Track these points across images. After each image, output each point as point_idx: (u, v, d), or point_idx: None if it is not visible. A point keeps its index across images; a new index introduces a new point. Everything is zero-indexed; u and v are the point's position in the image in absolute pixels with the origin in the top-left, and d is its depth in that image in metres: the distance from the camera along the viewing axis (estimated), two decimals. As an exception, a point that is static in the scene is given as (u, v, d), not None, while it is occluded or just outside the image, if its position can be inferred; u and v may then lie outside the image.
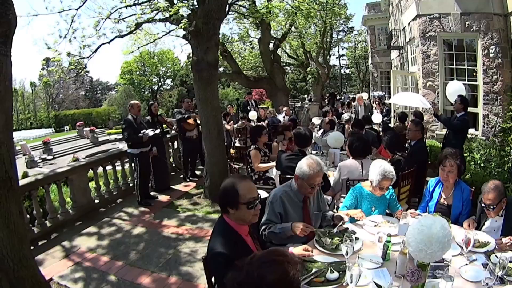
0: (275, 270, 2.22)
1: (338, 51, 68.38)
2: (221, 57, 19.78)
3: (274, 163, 8.21)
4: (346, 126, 12.24)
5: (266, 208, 4.70)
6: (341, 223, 4.69)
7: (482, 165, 9.59)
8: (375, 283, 3.32)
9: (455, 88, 9.55)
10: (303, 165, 4.59)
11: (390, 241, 3.88)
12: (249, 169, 8.91)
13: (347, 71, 73.57)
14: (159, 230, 8.34)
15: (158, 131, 10.38)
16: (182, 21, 9.51)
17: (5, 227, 4.56)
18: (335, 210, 5.48)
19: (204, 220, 8.69)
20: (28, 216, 8.39)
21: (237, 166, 9.02)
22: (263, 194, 5.85)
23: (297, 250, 4.04)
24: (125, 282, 6.26)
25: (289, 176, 6.68)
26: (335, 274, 3.61)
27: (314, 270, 3.74)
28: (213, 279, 3.83)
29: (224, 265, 3.05)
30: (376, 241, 4.28)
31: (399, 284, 3.35)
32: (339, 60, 71.01)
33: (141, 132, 9.61)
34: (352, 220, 5.01)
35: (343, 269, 3.65)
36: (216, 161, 9.81)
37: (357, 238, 4.29)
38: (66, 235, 8.36)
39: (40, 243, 8.08)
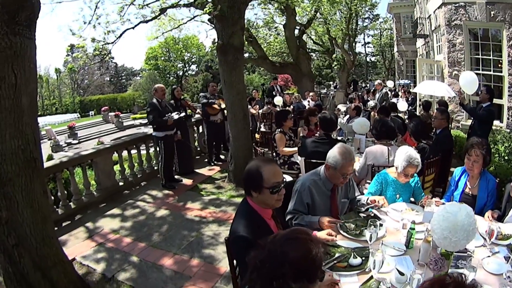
0: (298, 248, 2.20)
1: (364, 39, 67.61)
2: (246, 42, 19.73)
3: (296, 148, 8.16)
4: (372, 113, 12.12)
5: (293, 196, 4.61)
6: (372, 205, 4.68)
7: (506, 157, 9.41)
8: (397, 270, 3.24)
9: (467, 80, 9.32)
10: (336, 153, 4.45)
11: (414, 229, 3.80)
12: (274, 154, 8.86)
13: (373, 58, 72.77)
14: (182, 213, 8.37)
15: (182, 114, 10.43)
16: (206, 6, 9.45)
17: (28, 207, 4.59)
18: (360, 197, 5.35)
19: (227, 204, 8.69)
20: (52, 197, 8.56)
21: (262, 151, 8.94)
22: (287, 178, 5.80)
23: (321, 234, 4.00)
24: (147, 263, 6.29)
25: (314, 161, 6.67)
26: (358, 260, 3.56)
27: (337, 255, 3.70)
28: (235, 261, 3.80)
29: (246, 248, 2.90)
30: (400, 228, 4.21)
31: (421, 272, 3.23)
32: (365, 47, 70.31)
33: (166, 115, 9.61)
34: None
35: (366, 255, 3.63)
36: (241, 145, 9.80)
37: (381, 225, 4.20)
38: (90, 217, 8.44)
39: (64, 224, 8.16)
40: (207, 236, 7.16)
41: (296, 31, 22.58)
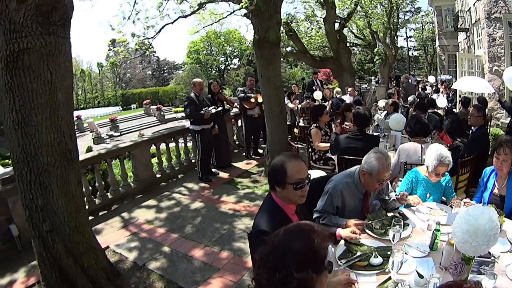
0: (300, 238, 2.22)
1: (406, 32, 66.37)
2: (286, 36, 19.71)
3: (332, 143, 8.12)
4: (411, 109, 11.99)
5: (323, 195, 4.48)
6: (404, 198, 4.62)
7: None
8: (417, 272, 3.17)
9: (510, 76, 9.09)
10: (372, 159, 4.25)
11: (439, 230, 3.70)
12: (310, 149, 8.82)
13: (415, 53, 71.55)
14: (216, 206, 8.46)
15: (220, 108, 10.51)
16: (243, 0, 9.52)
17: (63, 196, 4.85)
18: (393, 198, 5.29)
19: (262, 198, 8.34)
20: (90, 188, 8.78)
21: (299, 146, 8.89)
22: (322, 174, 5.85)
23: (344, 232, 3.97)
24: (178, 253, 6.43)
25: (347, 157, 6.66)
26: (379, 259, 3.51)
27: (358, 253, 3.68)
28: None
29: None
30: (425, 229, 4.14)
31: (440, 276, 3.13)
32: (407, 41, 68.89)
33: (203, 109, 9.71)
34: (408, 205, 4.85)
35: (388, 255, 3.52)
36: (278, 140, 9.81)
37: (407, 225, 4.17)
38: (126, 207, 8.66)
39: (100, 213, 8.43)
40: (239, 229, 7.23)
41: (336, 25, 22.28)
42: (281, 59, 13.10)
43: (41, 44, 4.35)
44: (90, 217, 7.70)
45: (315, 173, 5.88)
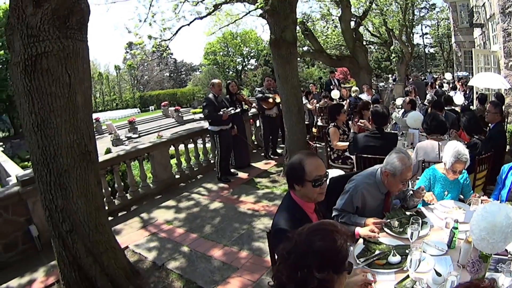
0: (323, 238, 2.21)
1: (421, 29, 65.89)
2: (302, 35, 19.68)
3: (349, 142, 8.09)
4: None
5: (343, 195, 4.51)
6: (422, 193, 4.59)
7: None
8: (435, 270, 3.17)
9: None
10: (394, 160, 4.22)
11: (457, 228, 3.68)
12: (328, 148, 8.82)
13: (431, 50, 71.04)
14: (235, 206, 8.48)
15: (238, 110, 10.52)
16: (258, 1, 9.53)
17: (83, 196, 4.92)
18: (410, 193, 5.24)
19: (281, 198, 8.29)
20: (109, 189, 8.87)
21: (318, 145, 8.85)
22: (340, 173, 5.84)
23: (363, 230, 3.97)
24: (197, 253, 6.46)
25: (365, 155, 6.66)
26: (397, 258, 3.51)
27: (377, 252, 3.69)
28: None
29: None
30: (443, 227, 4.11)
31: (457, 274, 3.03)
32: (423, 38, 68.39)
33: (222, 110, 9.74)
34: (424, 203, 4.84)
35: (406, 253, 3.54)
36: (296, 139, 9.75)
37: (425, 223, 4.14)
38: (145, 208, 8.74)
39: (120, 214, 8.53)
40: (258, 229, 7.24)
41: (352, 23, 22.17)
42: (298, 59, 13.06)
43: (59, 48, 4.42)
44: (110, 218, 7.75)
45: (334, 172, 5.84)
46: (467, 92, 18.72)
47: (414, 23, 38.62)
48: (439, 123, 6.54)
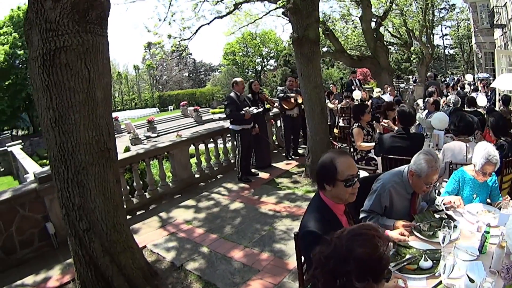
0: (365, 244, 2.10)
1: (441, 30, 65.78)
2: (323, 35, 19.60)
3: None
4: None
5: (371, 195, 4.36)
6: (448, 206, 4.43)
7: None
8: (468, 276, 3.04)
9: None
10: (421, 161, 4.09)
11: (488, 232, 3.51)
12: (351, 149, 8.72)
13: (451, 51, 70.79)
14: (256, 206, 8.34)
15: (261, 109, 10.49)
16: (279, -1, 9.46)
17: (101, 195, 4.83)
18: (436, 196, 5.09)
19: (303, 199, 8.53)
20: (128, 187, 8.80)
21: (339, 145, 8.71)
22: (363, 174, 5.70)
23: (393, 233, 3.84)
24: (216, 254, 6.34)
25: (391, 156, 6.54)
26: (429, 263, 3.37)
27: (407, 256, 3.54)
28: (302, 257, 3.71)
29: (314, 244, 2.67)
30: (474, 231, 3.95)
31: (492, 280, 2.91)
32: (443, 39, 68.33)
33: (244, 109, 9.68)
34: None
35: (437, 258, 3.41)
36: (319, 139, 9.60)
37: (455, 226, 3.98)
38: (164, 207, 8.66)
39: (138, 213, 8.47)
40: (280, 230, 7.09)
41: (373, 24, 22.20)
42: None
43: (78, 42, 4.35)
44: (128, 216, 7.61)
45: (358, 173, 5.76)
46: (489, 93, 18.47)
47: (434, 23, 38.42)
48: (467, 124, 6.39)
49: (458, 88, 20.32)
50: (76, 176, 4.64)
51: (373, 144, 8.08)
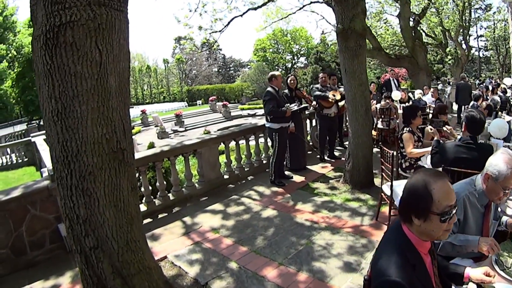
0: None
1: (476, 31, 65.00)
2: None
3: (429, 149, 7.06)
4: (499, 113, 10.88)
5: None
6: None
7: None
8: None
9: None
10: (499, 161, 3.50)
11: None
12: (400, 155, 7.92)
13: (486, 53, 69.85)
14: (291, 215, 7.62)
15: (302, 106, 10.08)
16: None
17: (112, 206, 4.01)
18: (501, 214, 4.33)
19: (342, 209, 7.79)
20: (150, 187, 8.33)
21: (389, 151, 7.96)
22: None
23: (475, 273, 3.01)
24: (247, 272, 5.61)
25: (454, 169, 5.61)
26: None
27: None
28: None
29: None
30: None
31: None
32: (477, 41, 67.59)
33: (285, 105, 9.17)
34: None
35: None
36: (361, 143, 8.86)
37: None
38: (188, 210, 8.12)
39: (160, 216, 8.01)
40: (318, 245, 6.34)
41: (411, 22, 21.67)
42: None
43: (88, 16, 3.54)
44: (148, 220, 7.57)
45: (404, 183, 4.98)
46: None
47: (470, 24, 37.66)
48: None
49: (499, 92, 19.39)
50: (82, 183, 3.82)
51: (425, 150, 7.32)
